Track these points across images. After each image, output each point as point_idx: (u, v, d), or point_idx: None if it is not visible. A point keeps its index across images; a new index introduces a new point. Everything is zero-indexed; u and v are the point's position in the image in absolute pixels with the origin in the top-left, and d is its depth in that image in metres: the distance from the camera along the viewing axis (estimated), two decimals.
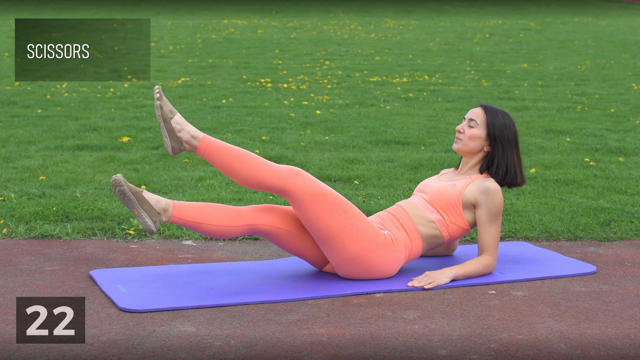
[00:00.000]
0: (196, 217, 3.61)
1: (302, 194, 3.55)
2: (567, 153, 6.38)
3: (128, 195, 3.52)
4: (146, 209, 3.54)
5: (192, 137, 3.57)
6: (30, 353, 2.94)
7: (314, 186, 3.57)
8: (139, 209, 3.53)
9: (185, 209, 3.62)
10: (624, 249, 4.27)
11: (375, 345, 3.06)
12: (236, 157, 3.58)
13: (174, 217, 3.59)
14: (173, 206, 3.59)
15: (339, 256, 3.63)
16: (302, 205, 3.55)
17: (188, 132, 3.57)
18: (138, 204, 3.53)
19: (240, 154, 3.59)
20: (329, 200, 3.57)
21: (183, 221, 3.61)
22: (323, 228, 3.57)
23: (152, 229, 3.54)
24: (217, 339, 3.09)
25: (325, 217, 3.56)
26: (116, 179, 3.51)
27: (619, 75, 11.01)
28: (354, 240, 3.59)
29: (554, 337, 3.16)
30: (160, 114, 3.54)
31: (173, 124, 3.56)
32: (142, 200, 3.53)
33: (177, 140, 3.56)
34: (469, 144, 3.87)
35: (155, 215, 3.54)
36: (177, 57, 12.51)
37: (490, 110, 3.88)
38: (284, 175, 3.57)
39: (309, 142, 6.60)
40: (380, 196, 5.07)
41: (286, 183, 3.56)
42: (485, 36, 16.27)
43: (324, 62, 12.03)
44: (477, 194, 3.79)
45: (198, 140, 3.57)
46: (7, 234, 4.30)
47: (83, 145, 6.37)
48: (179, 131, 3.56)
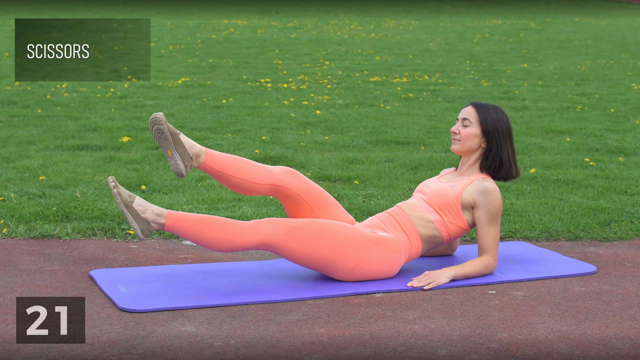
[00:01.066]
0: (226, 168, 3.62)
1: (279, 239, 3.52)
2: (567, 153, 6.38)
3: (166, 134, 3.50)
4: (180, 151, 3.53)
5: (157, 215, 3.50)
6: (30, 353, 2.94)
7: (285, 225, 3.55)
8: (173, 150, 3.52)
9: (218, 158, 3.63)
10: (624, 249, 4.27)
11: (375, 345, 3.06)
12: (204, 224, 3.51)
13: (205, 164, 3.59)
14: (206, 154, 3.60)
15: (339, 272, 3.65)
16: (286, 247, 3.55)
17: (152, 212, 3.50)
18: (173, 145, 3.52)
19: (209, 220, 3.52)
20: (305, 230, 3.55)
21: (213, 170, 3.60)
22: (313, 258, 3.58)
23: (182, 173, 3.53)
24: (217, 339, 3.09)
25: (310, 247, 3.56)
26: (157, 117, 3.49)
27: (619, 75, 11.01)
28: (346, 253, 3.60)
29: (554, 337, 3.16)
30: (121, 200, 3.47)
31: (135, 207, 3.49)
32: (178, 142, 3.52)
33: (144, 222, 3.49)
34: (467, 144, 3.88)
35: (188, 159, 3.54)
36: (177, 57, 12.51)
37: (481, 106, 3.89)
38: (254, 230, 3.52)
39: (309, 142, 6.60)
40: (380, 196, 5.07)
41: (259, 237, 3.51)
42: (485, 36, 16.27)
43: (324, 62, 12.04)
44: (475, 195, 3.79)
45: (163, 217, 3.51)
46: (7, 234, 4.30)
47: (83, 145, 6.37)
48: (143, 212, 3.50)
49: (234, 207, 4.77)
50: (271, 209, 4.74)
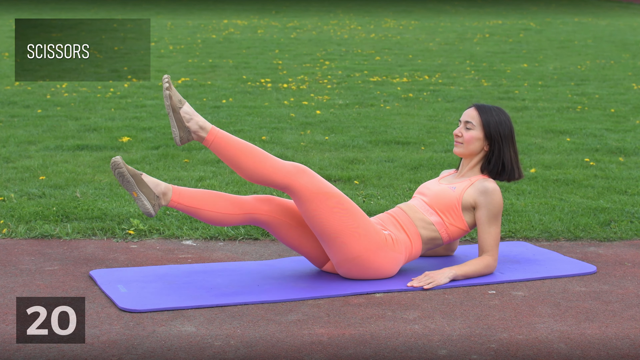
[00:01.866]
0: (195, 202, 3.61)
1: (305, 192, 3.55)
2: (567, 153, 6.38)
3: (127, 177, 3.51)
4: (145, 192, 3.53)
5: (200, 127, 3.55)
6: (30, 353, 2.94)
7: (318, 184, 3.57)
8: (137, 191, 3.53)
9: (185, 194, 3.62)
10: (624, 249, 4.27)
11: (375, 345, 3.06)
12: (243, 151, 3.56)
13: (173, 201, 3.59)
14: (173, 191, 3.59)
15: (340, 255, 3.63)
16: (306, 203, 3.55)
17: (196, 123, 3.54)
18: (137, 187, 3.52)
19: (248, 147, 3.57)
20: (333, 200, 3.57)
21: (182, 206, 3.60)
22: (326, 227, 3.57)
23: (150, 213, 3.54)
24: (217, 339, 3.09)
25: (328, 216, 3.56)
26: (115, 161, 3.51)
27: (619, 75, 11.01)
28: (356, 240, 3.59)
29: (554, 337, 3.16)
30: (170, 103, 3.51)
31: (182, 113, 3.53)
32: (141, 182, 3.53)
33: (186, 130, 3.53)
34: (469, 147, 3.87)
35: (154, 198, 3.54)
36: (177, 57, 12.52)
37: (484, 109, 3.88)
38: (288, 172, 3.56)
39: (309, 142, 6.60)
40: (380, 196, 5.07)
41: (291, 180, 3.55)
42: (485, 36, 16.27)
43: (324, 62, 12.03)
44: (476, 195, 3.79)
45: (206, 131, 3.55)
46: (7, 234, 4.30)
47: (83, 145, 6.37)
48: (187, 121, 3.53)
49: None
50: None
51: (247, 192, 5.10)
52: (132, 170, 3.53)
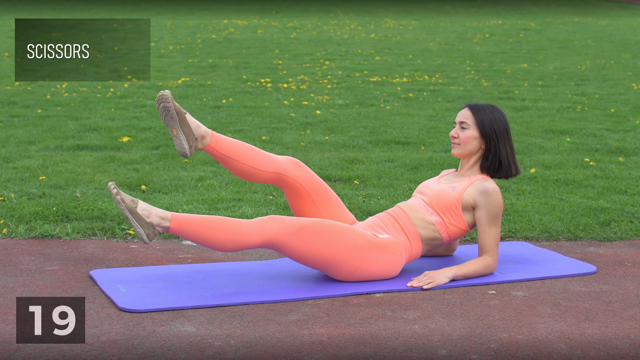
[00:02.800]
0: (231, 152, 3.60)
1: (284, 238, 3.51)
2: (567, 153, 6.38)
3: (172, 112, 3.47)
4: (186, 131, 3.51)
5: (161, 218, 3.49)
6: (30, 353, 2.94)
7: (290, 224, 3.53)
8: (178, 129, 3.49)
9: (223, 142, 3.61)
10: (624, 249, 4.27)
11: (375, 345, 3.06)
12: (209, 226, 3.49)
13: (209, 146, 3.58)
14: (212, 136, 3.59)
15: (341, 274, 3.65)
16: (290, 247, 3.54)
17: (157, 215, 3.49)
18: (179, 124, 3.50)
19: (212, 221, 3.50)
20: (312, 231, 3.55)
21: (217, 153, 3.59)
22: (317, 258, 3.57)
23: (186, 153, 3.52)
24: (217, 339, 3.09)
25: (314, 248, 3.55)
26: (164, 95, 3.47)
27: (619, 75, 11.01)
28: (349, 255, 3.60)
29: (554, 337, 3.16)
30: (125, 207, 3.45)
31: (140, 212, 3.47)
32: (184, 121, 3.50)
33: (149, 226, 3.48)
34: (466, 147, 3.88)
35: (192, 139, 3.52)
36: (177, 57, 12.51)
37: (477, 108, 3.88)
38: (260, 230, 3.50)
39: (309, 142, 6.60)
40: (380, 196, 5.07)
41: (264, 236, 3.50)
42: (485, 36, 16.27)
43: (324, 62, 12.03)
44: (476, 195, 3.79)
45: (168, 220, 3.49)
46: (7, 234, 4.30)
47: (83, 145, 6.37)
48: (147, 217, 3.48)
49: (234, 207, 4.77)
50: (271, 208, 4.74)
51: (247, 191, 5.10)
52: (178, 107, 3.51)
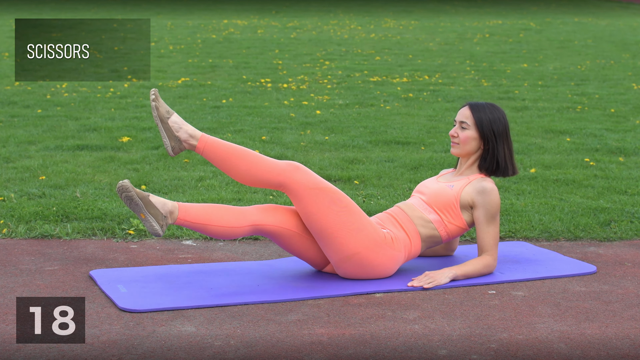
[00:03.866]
0: (201, 218, 3.62)
1: (300, 188, 3.56)
2: (567, 153, 6.38)
3: (136, 200, 3.52)
4: (153, 213, 3.54)
5: (190, 136, 3.60)
6: (30, 353, 2.94)
7: (313, 180, 3.59)
8: (146, 213, 3.54)
9: (191, 210, 3.62)
10: (624, 249, 4.27)
11: (375, 345, 3.06)
12: (235, 154, 3.60)
13: (180, 219, 3.60)
14: (179, 208, 3.60)
15: (338, 253, 3.62)
16: (301, 199, 3.56)
17: (186, 132, 3.59)
18: (145, 209, 3.53)
19: (239, 150, 3.60)
20: (329, 195, 3.58)
21: (189, 223, 3.61)
22: (322, 223, 3.57)
23: (159, 233, 3.55)
24: (217, 339, 3.09)
25: (324, 211, 3.56)
26: (123, 185, 3.50)
27: (619, 75, 11.01)
28: (353, 236, 3.60)
29: (554, 337, 3.16)
30: (157, 114, 3.57)
31: (170, 123, 3.58)
32: (149, 204, 3.54)
33: (176, 140, 3.58)
34: (466, 147, 3.88)
35: (162, 218, 3.55)
36: (177, 57, 12.51)
37: (477, 107, 3.88)
38: (282, 170, 3.59)
39: (309, 142, 6.60)
40: (380, 196, 5.07)
41: (285, 177, 3.57)
42: (485, 36, 16.28)
43: (324, 62, 12.04)
44: (474, 194, 3.79)
45: (196, 139, 3.60)
46: (7, 234, 4.30)
47: (83, 145, 6.37)
48: (176, 130, 3.58)
49: None
50: None
51: (246, 191, 5.10)
52: (140, 193, 3.54)
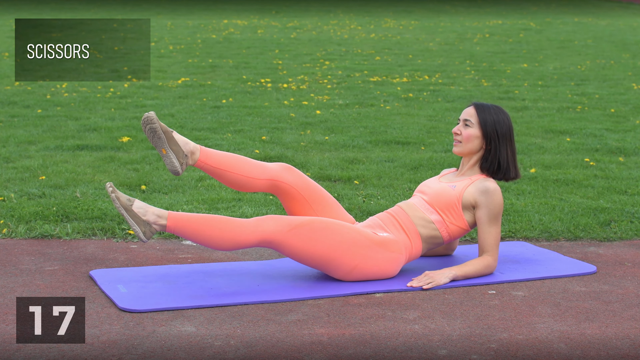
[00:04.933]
0: (222, 164, 3.62)
1: (280, 236, 3.52)
2: (567, 153, 6.38)
3: (159, 133, 3.49)
4: (175, 149, 3.53)
5: (157, 216, 3.50)
6: (30, 353, 2.94)
7: (287, 222, 3.54)
8: (167, 148, 3.52)
9: (213, 155, 3.63)
10: (624, 249, 4.27)
11: (375, 345, 3.06)
12: (206, 224, 3.50)
13: (200, 161, 3.59)
14: (201, 151, 3.60)
15: (339, 272, 3.64)
16: (287, 245, 3.54)
17: (153, 213, 3.50)
18: (167, 144, 3.52)
19: (210, 220, 3.51)
20: (306, 229, 3.55)
21: (208, 167, 3.61)
22: (314, 256, 3.57)
23: (177, 171, 3.54)
24: (217, 339, 3.09)
25: (311, 246, 3.55)
26: (149, 116, 3.49)
27: (619, 75, 11.01)
28: (347, 253, 3.60)
29: (554, 337, 3.16)
30: (120, 204, 3.47)
31: (135, 209, 3.48)
32: (172, 140, 3.52)
33: (145, 224, 3.49)
34: (468, 145, 3.87)
35: (182, 157, 3.54)
36: (177, 57, 12.52)
37: (482, 107, 3.88)
38: (255, 227, 3.51)
39: (309, 142, 6.60)
40: (380, 196, 5.07)
41: (261, 234, 3.51)
42: (485, 36, 16.27)
43: (324, 62, 12.04)
44: (476, 194, 3.79)
45: (164, 218, 3.50)
46: (7, 234, 4.30)
47: (83, 145, 6.37)
48: (143, 215, 3.49)
49: (234, 207, 4.77)
50: (271, 208, 4.74)
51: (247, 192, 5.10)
52: (164, 127, 3.53)
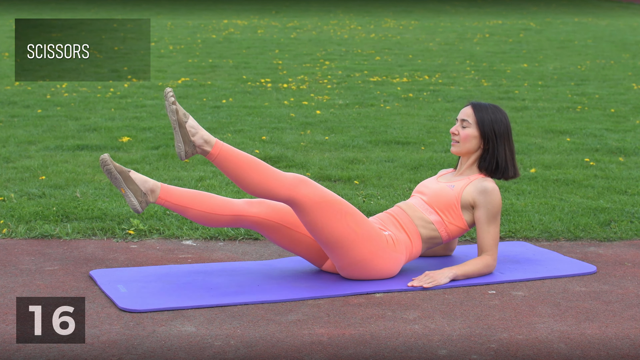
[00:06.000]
0: (183, 201, 3.63)
1: (309, 202, 3.54)
2: (567, 153, 6.38)
3: (114, 174, 3.55)
4: (132, 188, 3.57)
5: (205, 141, 3.54)
6: (30, 353, 2.94)
7: (320, 194, 3.57)
8: (125, 188, 3.57)
9: (174, 192, 3.64)
10: (624, 249, 4.27)
11: (375, 345, 3.06)
12: (246, 165, 3.54)
13: (160, 198, 3.61)
14: (161, 189, 3.61)
15: (344, 260, 3.64)
16: (310, 213, 3.55)
17: (201, 137, 3.53)
18: (124, 183, 3.57)
19: (251, 161, 3.56)
20: (336, 207, 3.58)
21: (169, 204, 3.62)
22: (331, 234, 3.57)
23: (137, 209, 3.57)
24: (217, 339, 3.09)
25: (333, 223, 3.56)
26: (103, 159, 3.56)
27: (619, 75, 11.01)
28: (360, 244, 3.60)
29: (554, 337, 3.16)
30: (176, 118, 3.50)
31: (188, 127, 3.52)
32: (129, 179, 3.57)
33: (191, 145, 3.52)
34: (466, 145, 3.88)
35: (141, 195, 3.57)
36: (177, 57, 12.51)
37: (480, 107, 3.88)
38: (291, 185, 3.55)
39: (309, 142, 6.60)
40: (380, 196, 5.07)
41: (294, 192, 3.54)
42: (485, 36, 16.27)
43: (324, 62, 12.04)
44: (475, 194, 3.79)
45: (211, 145, 3.53)
46: (7, 234, 4.30)
47: (83, 145, 6.37)
48: (192, 135, 3.52)
49: None
50: None
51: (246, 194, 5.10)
52: (120, 168, 3.57)
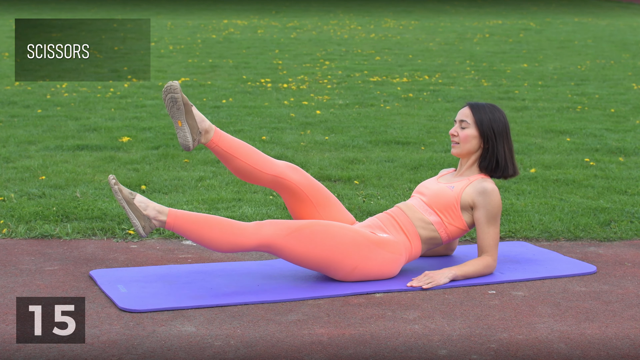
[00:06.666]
0: (232, 149, 3.63)
1: (279, 240, 3.51)
2: (567, 153, 6.38)
3: (179, 104, 3.48)
4: (190, 124, 3.53)
5: (158, 212, 3.49)
6: (30, 353, 2.94)
7: (285, 226, 3.53)
8: (183, 121, 3.51)
9: (225, 138, 3.64)
10: (624, 249, 4.27)
11: (375, 345, 3.06)
12: (206, 224, 3.49)
13: (212, 142, 3.59)
14: (215, 132, 3.61)
15: (340, 274, 3.64)
16: (285, 249, 3.53)
17: (153, 209, 3.48)
18: (185, 117, 3.51)
19: (210, 219, 3.50)
20: (306, 232, 3.54)
21: (219, 149, 3.61)
22: (314, 259, 3.57)
23: (189, 146, 3.54)
24: (217, 339, 3.09)
25: (310, 249, 3.54)
26: (172, 85, 3.49)
27: (619, 75, 11.01)
28: (347, 254, 3.59)
29: (554, 337, 3.16)
30: (122, 197, 3.45)
31: (137, 203, 3.47)
32: (190, 114, 3.52)
33: (145, 219, 3.48)
34: (466, 146, 3.88)
35: (197, 133, 3.54)
36: (177, 57, 12.52)
37: (477, 107, 3.89)
38: (254, 231, 3.50)
39: (309, 142, 6.60)
40: (380, 196, 5.07)
41: (260, 237, 3.50)
42: (485, 36, 16.27)
43: (324, 62, 12.03)
44: (474, 195, 3.79)
45: (165, 214, 3.49)
46: (7, 234, 4.30)
47: (83, 145, 6.37)
48: (144, 209, 3.48)
49: (234, 207, 4.77)
50: (271, 209, 4.74)
51: (247, 191, 5.10)
52: (185, 99, 3.53)
